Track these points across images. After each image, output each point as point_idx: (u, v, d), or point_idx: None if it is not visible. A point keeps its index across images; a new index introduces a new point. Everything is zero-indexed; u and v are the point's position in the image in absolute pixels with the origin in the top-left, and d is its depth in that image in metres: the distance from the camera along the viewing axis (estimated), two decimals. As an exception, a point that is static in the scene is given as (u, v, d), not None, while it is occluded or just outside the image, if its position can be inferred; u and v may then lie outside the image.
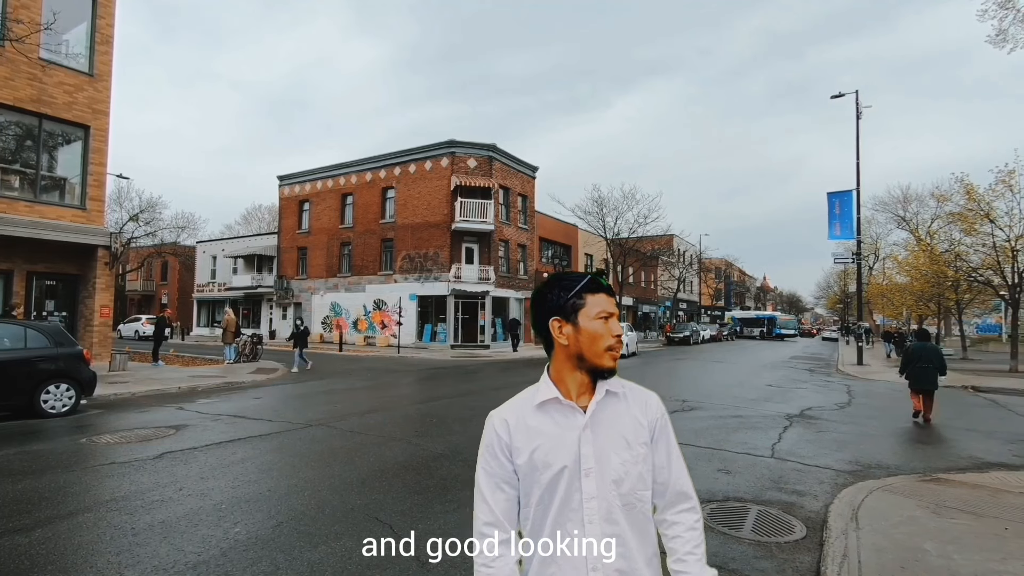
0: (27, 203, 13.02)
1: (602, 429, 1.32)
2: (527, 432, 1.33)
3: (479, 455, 1.38)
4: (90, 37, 14.25)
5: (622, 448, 1.32)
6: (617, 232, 35.83)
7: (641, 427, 1.35)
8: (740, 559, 3.70)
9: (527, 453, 1.32)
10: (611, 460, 1.31)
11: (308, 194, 34.90)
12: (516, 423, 1.35)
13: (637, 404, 1.37)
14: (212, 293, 40.78)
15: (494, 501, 1.34)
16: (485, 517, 1.34)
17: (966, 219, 19.20)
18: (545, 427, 1.33)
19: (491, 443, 1.36)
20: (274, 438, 7.22)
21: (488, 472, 1.35)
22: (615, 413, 1.34)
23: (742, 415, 9.45)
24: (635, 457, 1.32)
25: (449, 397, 11.36)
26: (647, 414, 1.37)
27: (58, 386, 8.76)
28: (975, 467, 6.31)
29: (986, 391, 13.70)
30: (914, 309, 32.60)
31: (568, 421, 1.32)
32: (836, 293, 67.27)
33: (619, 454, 1.31)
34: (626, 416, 1.35)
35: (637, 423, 1.35)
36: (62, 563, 3.47)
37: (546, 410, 1.34)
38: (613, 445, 1.32)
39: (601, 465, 1.30)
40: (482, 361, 21.15)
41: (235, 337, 18.17)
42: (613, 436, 1.32)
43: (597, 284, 1.37)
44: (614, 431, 1.33)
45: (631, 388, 1.40)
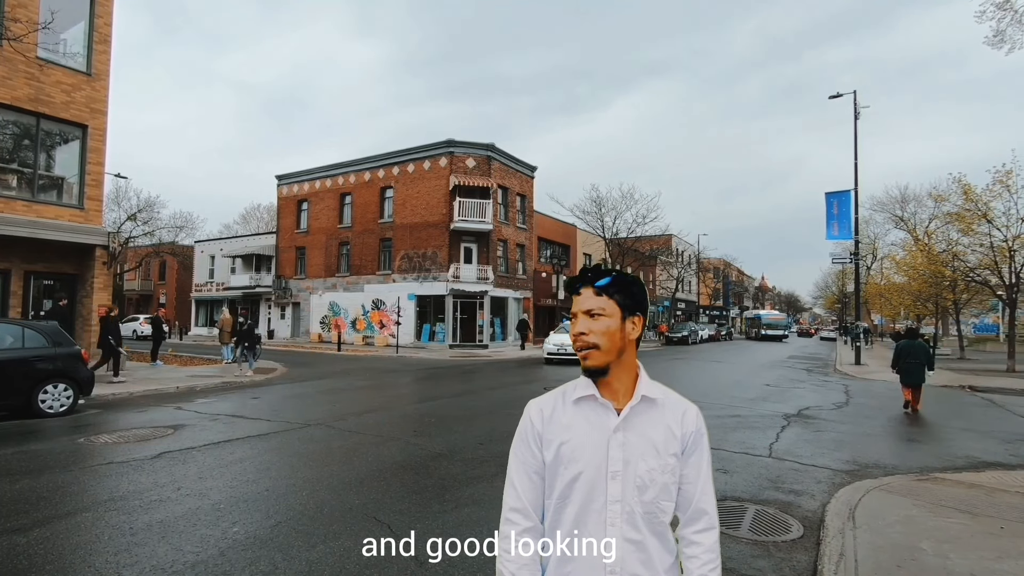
0: (25, 202, 12.99)
1: (634, 434, 1.31)
2: (559, 425, 1.33)
3: (513, 442, 1.39)
4: (88, 36, 14.22)
5: (651, 456, 1.30)
6: (616, 232, 35.89)
7: (674, 438, 1.33)
8: (738, 558, 3.72)
9: (555, 446, 1.31)
10: (638, 466, 1.30)
11: (306, 194, 34.87)
12: (551, 414, 1.35)
13: (674, 414, 1.35)
14: (210, 293, 40.73)
15: (522, 488, 1.34)
16: (512, 503, 1.34)
17: (963, 219, 19.25)
18: (577, 423, 1.32)
19: (525, 431, 1.36)
20: (272, 438, 7.22)
21: (519, 459, 1.36)
22: (650, 420, 1.33)
23: (740, 414, 9.47)
24: (662, 467, 1.31)
25: (447, 397, 11.36)
26: (683, 426, 1.35)
27: (56, 386, 8.75)
28: (972, 466, 6.33)
29: (983, 391, 13.74)
30: (912, 309, 32.69)
31: (601, 421, 1.31)
32: (834, 293, 67.35)
33: (647, 461, 1.30)
34: (660, 424, 1.33)
35: (670, 433, 1.33)
36: (60, 563, 3.47)
37: (581, 407, 1.33)
38: (642, 451, 1.30)
39: (628, 469, 1.29)
40: (481, 361, 21.15)
41: (232, 337, 18.06)
42: (643, 442, 1.31)
43: (569, 285, 1.37)
44: (645, 437, 1.31)
45: (671, 397, 1.38)
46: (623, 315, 1.32)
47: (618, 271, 1.36)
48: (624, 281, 1.34)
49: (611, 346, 1.30)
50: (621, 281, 1.34)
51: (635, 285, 1.35)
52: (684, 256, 53.33)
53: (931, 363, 10.31)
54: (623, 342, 1.32)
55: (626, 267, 37.39)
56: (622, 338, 1.32)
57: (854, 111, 22.21)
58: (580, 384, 1.35)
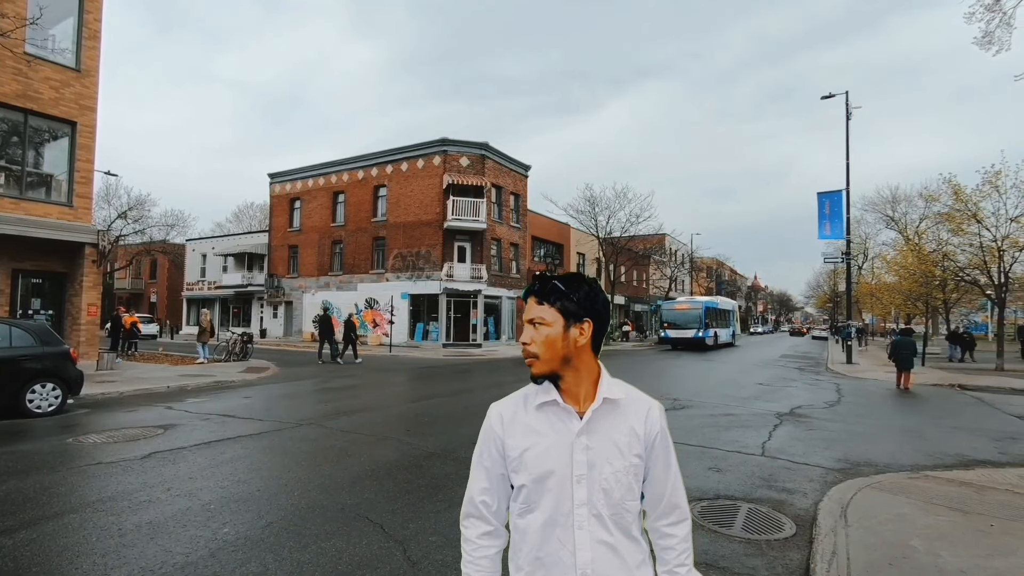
0: (12, 200, 12.83)
1: (597, 436, 1.30)
2: (522, 430, 1.33)
3: (476, 444, 1.40)
4: (77, 32, 14.05)
5: (615, 457, 1.30)
6: (609, 231, 35.92)
7: (637, 439, 1.32)
8: (730, 557, 3.72)
9: (519, 451, 1.32)
10: (603, 469, 1.29)
11: (299, 192, 34.69)
12: (512, 418, 1.35)
13: (637, 414, 1.34)
14: (202, 292, 40.43)
15: (482, 492, 1.37)
16: (470, 509, 1.38)
17: (954, 219, 19.42)
18: (541, 428, 1.32)
19: (486, 435, 1.37)
20: (264, 437, 7.16)
21: (480, 463, 1.38)
22: (612, 422, 1.32)
23: (733, 413, 9.50)
24: (626, 467, 1.31)
25: (441, 396, 11.33)
26: (645, 425, 1.34)
27: (44, 385, 8.64)
28: (962, 464, 6.38)
29: (972, 389, 13.87)
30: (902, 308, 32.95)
31: (564, 425, 1.31)
32: (826, 292, 67.80)
33: (612, 463, 1.30)
34: (624, 426, 1.32)
35: (633, 433, 1.32)
36: (47, 565, 3.42)
37: (544, 411, 1.33)
38: (606, 454, 1.30)
39: (592, 472, 1.29)
40: (474, 360, 21.13)
41: (210, 337, 18.89)
42: (607, 444, 1.30)
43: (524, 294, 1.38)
44: (609, 440, 1.31)
45: (633, 396, 1.36)
46: (566, 322, 1.29)
47: (561, 276, 1.33)
48: (565, 288, 1.31)
49: (551, 355, 1.29)
50: (559, 289, 1.30)
51: (578, 291, 1.31)
52: (677, 255, 53.51)
53: (917, 354, 14.48)
54: (567, 349, 1.29)
55: (620, 266, 37.47)
56: (565, 346, 1.29)
57: (846, 111, 22.35)
58: (542, 389, 1.33)
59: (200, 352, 18.23)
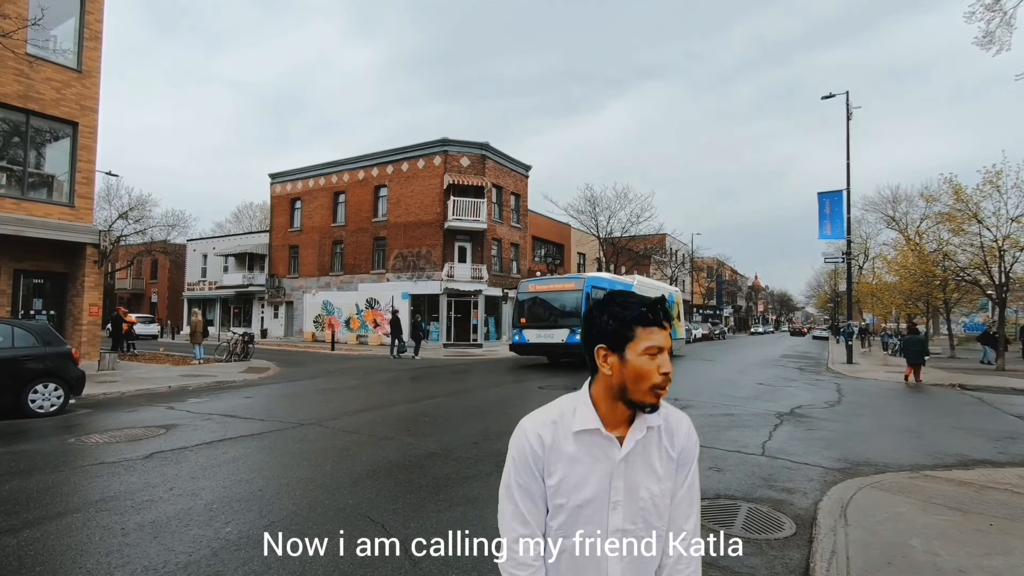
0: (14, 200, 12.86)
1: (636, 463, 1.29)
2: (563, 459, 1.28)
3: (509, 465, 1.32)
4: (78, 32, 14.07)
5: (653, 482, 1.30)
6: (610, 231, 35.93)
7: (671, 459, 1.32)
8: (731, 556, 3.73)
9: (558, 476, 1.28)
10: (640, 493, 1.29)
11: (300, 192, 34.72)
12: (552, 443, 1.29)
13: (668, 433, 1.33)
14: (203, 292, 40.48)
15: (528, 513, 1.30)
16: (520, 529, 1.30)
17: (954, 219, 19.41)
18: (581, 456, 1.28)
19: (525, 457, 1.29)
20: (265, 437, 7.18)
21: (520, 484, 1.30)
22: (648, 444, 1.31)
23: (733, 413, 9.51)
24: (663, 491, 1.31)
25: (441, 396, 11.34)
26: (675, 444, 1.33)
27: (46, 385, 8.67)
28: (961, 464, 6.39)
29: (973, 389, 13.87)
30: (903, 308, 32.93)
31: (604, 453, 1.28)
32: (826, 292, 67.79)
33: (649, 488, 1.29)
34: (657, 447, 1.31)
35: (667, 455, 1.32)
36: (51, 564, 3.44)
37: (583, 438, 1.28)
38: (644, 479, 1.29)
39: (629, 498, 1.28)
40: (474, 360, 21.15)
41: (203, 337, 19.15)
42: (645, 469, 1.29)
43: (649, 317, 1.25)
44: (647, 464, 1.30)
45: (668, 414, 1.34)
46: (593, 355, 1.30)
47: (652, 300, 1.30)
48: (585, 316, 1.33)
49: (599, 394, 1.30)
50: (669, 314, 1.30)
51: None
52: (678, 256, 53.51)
53: (927, 350, 15.90)
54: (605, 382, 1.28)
55: (620, 266, 37.47)
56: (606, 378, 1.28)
57: (846, 111, 22.35)
58: (580, 412, 1.29)
59: (196, 352, 18.38)
